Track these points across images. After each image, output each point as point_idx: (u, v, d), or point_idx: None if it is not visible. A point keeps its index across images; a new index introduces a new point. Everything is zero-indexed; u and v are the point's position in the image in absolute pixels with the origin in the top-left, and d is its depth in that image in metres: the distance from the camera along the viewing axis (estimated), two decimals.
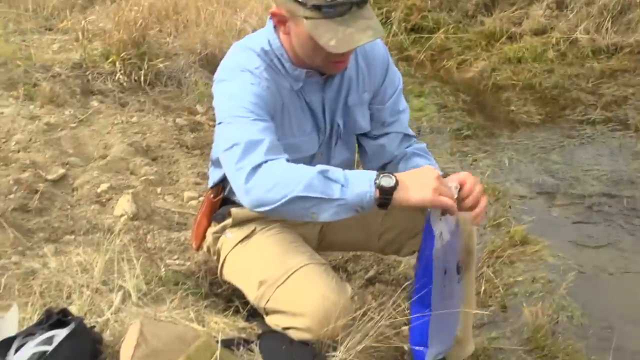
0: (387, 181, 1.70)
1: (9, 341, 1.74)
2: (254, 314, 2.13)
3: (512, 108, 4.66)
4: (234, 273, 2.18)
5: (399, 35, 5.49)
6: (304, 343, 1.91)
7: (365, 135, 2.22)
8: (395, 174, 1.73)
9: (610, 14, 5.19)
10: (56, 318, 1.82)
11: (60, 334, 1.74)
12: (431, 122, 4.52)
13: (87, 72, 4.09)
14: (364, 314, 2.06)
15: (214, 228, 2.24)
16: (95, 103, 3.86)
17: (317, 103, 2.08)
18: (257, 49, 1.99)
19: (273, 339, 1.95)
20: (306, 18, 1.80)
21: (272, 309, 2.02)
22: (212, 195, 2.22)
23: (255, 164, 1.76)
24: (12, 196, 2.81)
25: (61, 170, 3.08)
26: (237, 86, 1.93)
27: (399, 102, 2.22)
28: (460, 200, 1.81)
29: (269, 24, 2.02)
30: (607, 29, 5.18)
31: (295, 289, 1.97)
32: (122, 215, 2.76)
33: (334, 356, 1.91)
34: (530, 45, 5.23)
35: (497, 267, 3.13)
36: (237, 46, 2.06)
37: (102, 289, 2.18)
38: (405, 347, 2.13)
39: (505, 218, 3.50)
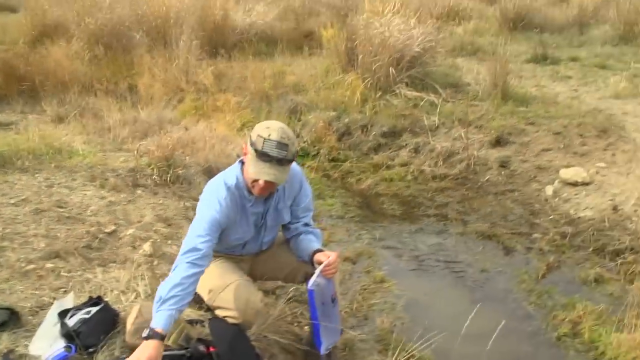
0: (146, 332, 1.75)
1: (66, 311, 1.93)
2: (208, 308, 2.22)
3: (385, 206, 4.76)
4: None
5: (324, 163, 5.59)
6: (234, 324, 2.06)
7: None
8: (158, 329, 1.74)
9: (442, 157, 5.45)
10: (94, 301, 2.00)
11: (94, 309, 1.93)
12: (338, 212, 4.60)
13: (137, 174, 4.15)
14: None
15: None
16: (139, 191, 3.95)
17: (259, 213, 2.19)
18: (229, 183, 2.10)
19: (217, 321, 2.09)
20: (251, 154, 2.01)
21: (217, 306, 2.13)
22: None
23: (186, 261, 1.91)
24: (83, 239, 2.93)
25: (113, 227, 3.18)
26: (207, 208, 2.05)
27: (309, 206, 2.32)
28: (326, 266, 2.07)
29: (238, 163, 2.15)
30: (440, 165, 5.40)
31: (229, 295, 2.09)
32: (144, 254, 2.88)
33: (249, 330, 2.09)
34: (398, 172, 5.36)
35: (365, 295, 3.24)
36: (217, 179, 2.15)
37: (125, 291, 2.33)
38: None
39: (372, 267, 3.62)
